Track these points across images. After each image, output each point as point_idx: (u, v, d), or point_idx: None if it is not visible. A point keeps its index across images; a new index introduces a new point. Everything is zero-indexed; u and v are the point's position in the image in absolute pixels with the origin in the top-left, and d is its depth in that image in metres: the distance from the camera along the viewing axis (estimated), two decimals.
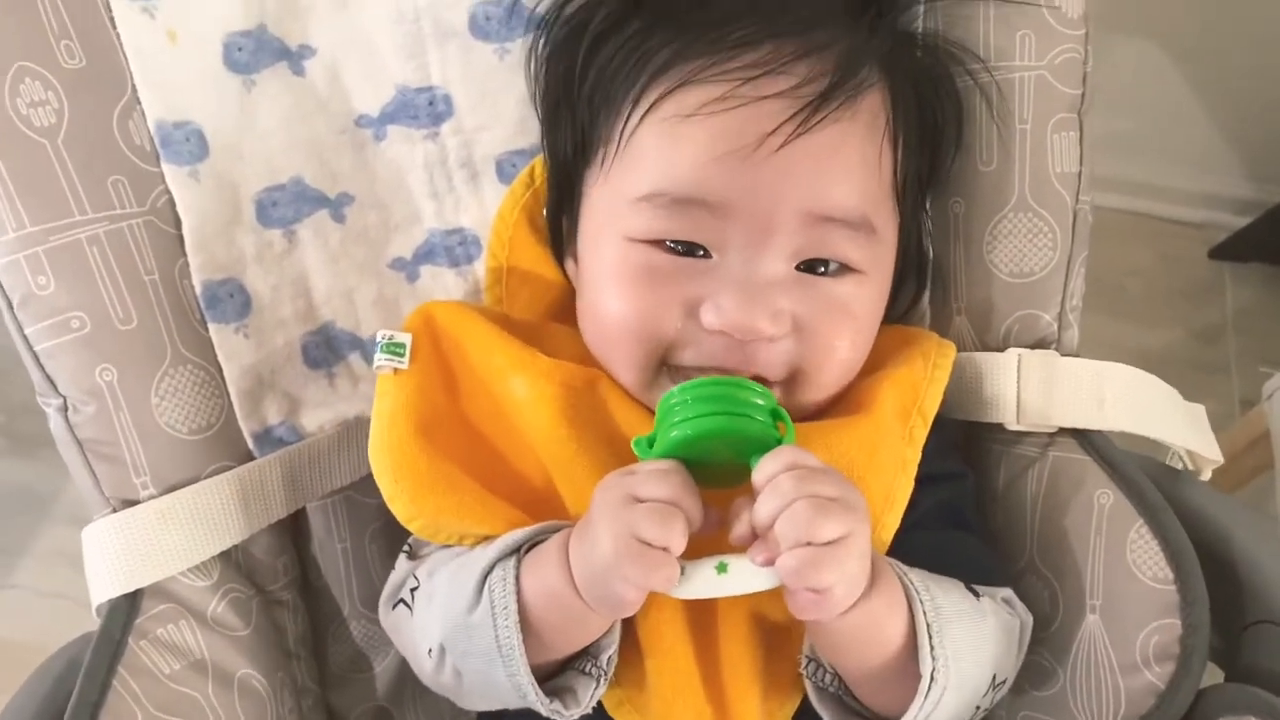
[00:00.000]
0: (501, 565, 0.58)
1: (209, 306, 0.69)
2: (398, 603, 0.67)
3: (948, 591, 0.60)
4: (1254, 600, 0.66)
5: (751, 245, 0.62)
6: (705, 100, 0.61)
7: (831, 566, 0.52)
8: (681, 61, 0.62)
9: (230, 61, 0.69)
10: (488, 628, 0.57)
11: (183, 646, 0.66)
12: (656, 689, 0.61)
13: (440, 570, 0.64)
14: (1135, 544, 0.66)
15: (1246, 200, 1.80)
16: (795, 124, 0.60)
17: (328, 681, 0.79)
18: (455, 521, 0.63)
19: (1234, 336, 1.76)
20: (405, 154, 0.74)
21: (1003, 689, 0.64)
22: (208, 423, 0.69)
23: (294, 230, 0.72)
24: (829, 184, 0.62)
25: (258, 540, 0.72)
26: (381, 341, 0.66)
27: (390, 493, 0.63)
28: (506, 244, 0.75)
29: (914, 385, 0.67)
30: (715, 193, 0.61)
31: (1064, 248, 0.71)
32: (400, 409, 0.65)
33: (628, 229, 0.64)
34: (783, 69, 0.61)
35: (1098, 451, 0.69)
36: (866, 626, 0.56)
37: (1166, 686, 0.64)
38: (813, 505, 0.52)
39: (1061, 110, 0.70)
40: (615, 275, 0.65)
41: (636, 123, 0.63)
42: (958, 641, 0.57)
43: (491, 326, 0.68)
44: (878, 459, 0.64)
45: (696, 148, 0.61)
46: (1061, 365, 0.70)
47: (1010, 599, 0.65)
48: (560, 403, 0.64)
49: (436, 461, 0.64)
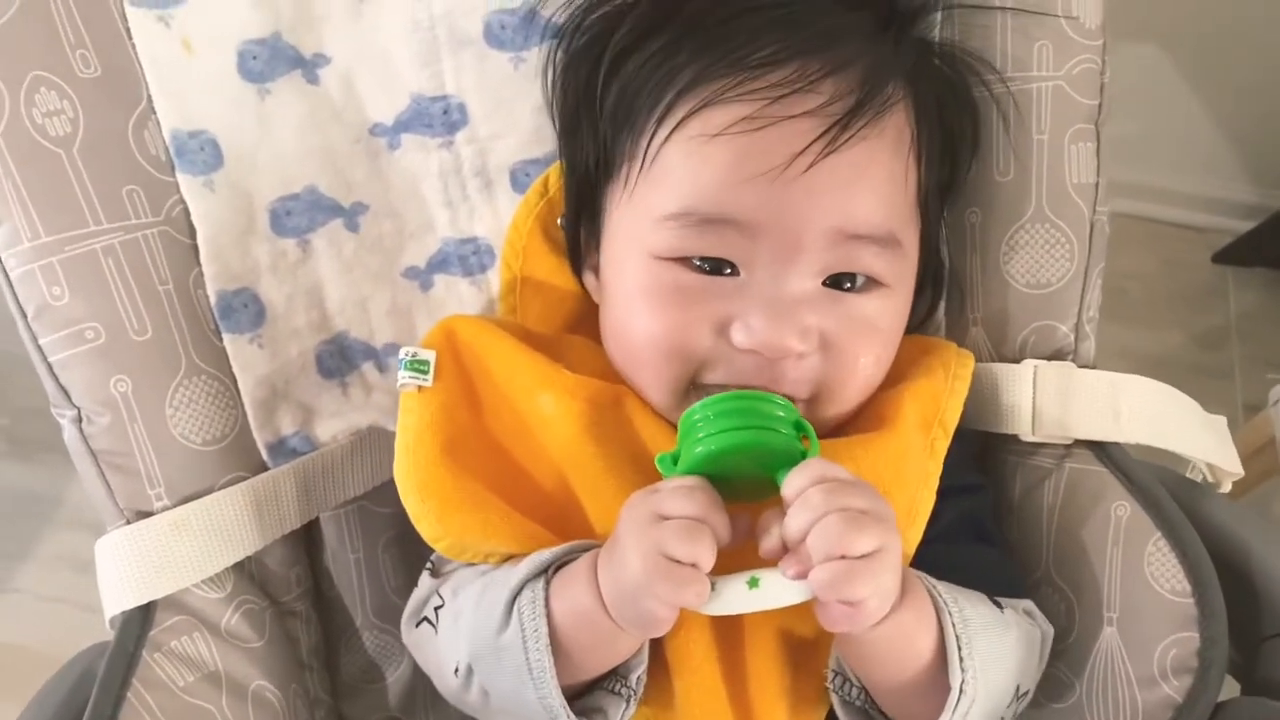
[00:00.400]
0: (531, 586, 0.58)
1: (223, 316, 0.69)
2: (421, 620, 0.66)
3: (974, 603, 0.60)
4: (1272, 613, 0.66)
5: (779, 263, 0.62)
6: (732, 120, 0.60)
7: (866, 579, 0.52)
8: (707, 80, 0.62)
9: (245, 70, 0.69)
10: (518, 649, 0.57)
11: (196, 659, 0.66)
12: (684, 708, 0.61)
13: (465, 589, 0.63)
14: (1153, 556, 0.65)
15: (1250, 205, 1.80)
16: (824, 143, 0.60)
17: (340, 692, 0.79)
18: (481, 541, 0.62)
19: (1237, 341, 1.76)
20: (420, 163, 0.74)
21: (1025, 700, 0.64)
22: (222, 433, 0.69)
23: (308, 240, 0.72)
24: (857, 203, 0.62)
25: (271, 551, 0.72)
26: (405, 359, 0.65)
27: (417, 513, 0.63)
28: (520, 253, 0.75)
29: (935, 397, 0.67)
30: (744, 212, 0.61)
31: (1081, 259, 0.71)
32: (426, 427, 0.64)
33: (654, 247, 0.63)
34: (809, 88, 0.60)
35: (1114, 463, 0.69)
36: (897, 639, 0.56)
37: (1184, 700, 0.64)
38: (846, 518, 0.52)
39: (1079, 121, 0.70)
40: (643, 294, 0.64)
41: (662, 141, 0.63)
42: (985, 653, 0.57)
43: (515, 342, 0.67)
44: (902, 473, 0.64)
45: (724, 167, 0.61)
46: (1078, 377, 0.70)
47: (1031, 610, 0.65)
48: (586, 419, 0.64)
49: (462, 480, 0.63)
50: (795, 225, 0.61)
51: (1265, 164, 1.78)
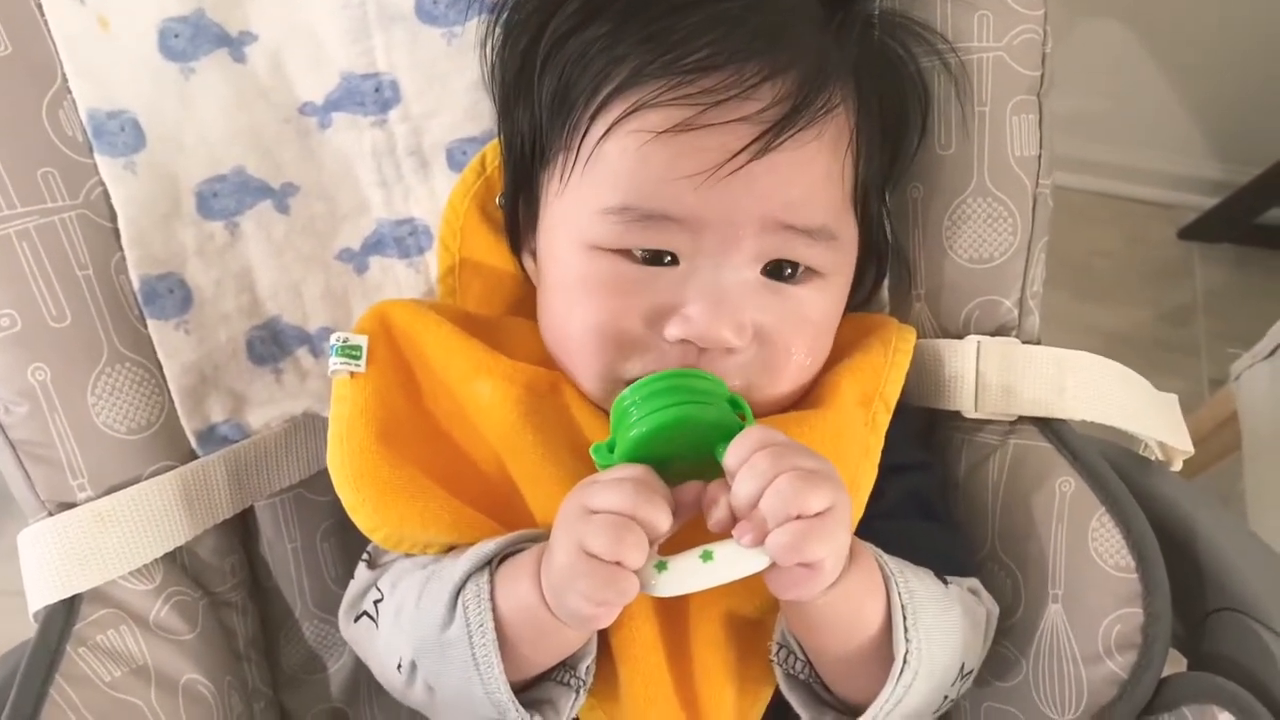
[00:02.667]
0: (475, 580, 0.57)
1: (147, 302, 0.67)
2: (361, 615, 0.65)
3: (920, 577, 0.59)
4: (1215, 588, 0.65)
5: (719, 253, 0.62)
6: (668, 123, 0.60)
7: (823, 537, 0.51)
8: (642, 80, 0.61)
9: (166, 49, 0.67)
10: (463, 644, 0.56)
11: (124, 652, 0.64)
12: (629, 695, 0.60)
13: (406, 581, 0.62)
14: (1097, 532, 0.65)
15: (1215, 181, 1.80)
16: (758, 147, 0.59)
17: (281, 684, 0.78)
18: (420, 530, 0.61)
19: (1203, 317, 1.76)
20: (352, 142, 0.72)
21: (969, 679, 0.63)
22: (147, 422, 0.67)
23: (236, 222, 0.70)
24: (792, 198, 0.62)
25: (204, 541, 0.70)
26: (336, 345, 0.64)
27: (352, 503, 0.61)
28: (458, 234, 0.73)
29: (875, 372, 0.66)
30: (682, 210, 0.60)
31: (1024, 232, 0.70)
32: (359, 414, 0.62)
33: (593, 238, 0.63)
34: (745, 94, 0.60)
35: (1059, 439, 0.68)
36: (845, 605, 0.55)
37: (1129, 676, 0.64)
38: (797, 477, 0.51)
39: (1021, 92, 0.69)
40: (580, 284, 0.63)
41: (599, 136, 0.62)
42: (929, 626, 0.57)
43: (451, 326, 0.66)
44: (840, 447, 0.63)
45: (661, 166, 0.60)
46: (1021, 352, 0.70)
47: (977, 589, 0.65)
48: (524, 406, 0.63)
49: (399, 468, 0.62)
50: (731, 217, 0.61)
51: (1230, 140, 1.78)
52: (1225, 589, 0.65)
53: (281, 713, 0.78)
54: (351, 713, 0.80)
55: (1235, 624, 0.64)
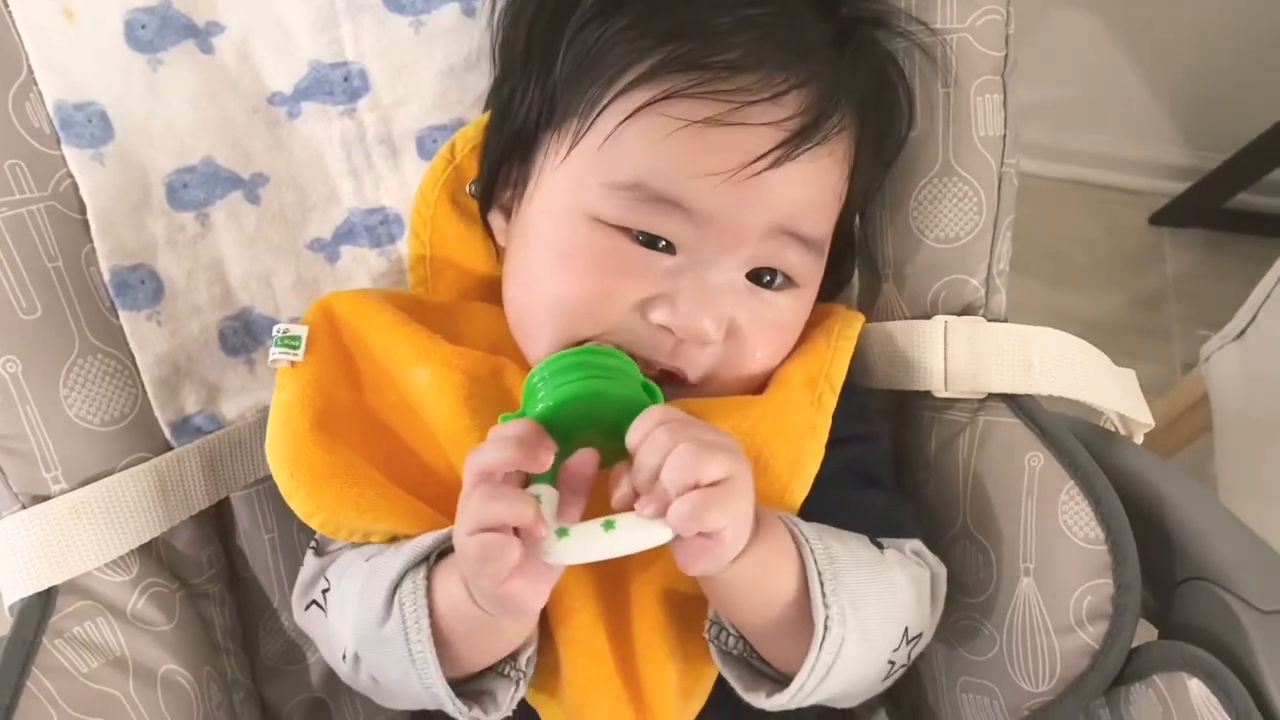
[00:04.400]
0: (411, 576, 0.57)
1: (119, 293, 0.67)
2: (310, 604, 0.65)
3: (844, 541, 0.59)
4: (1184, 558, 0.66)
5: (718, 252, 0.63)
6: (696, 115, 0.61)
7: (722, 505, 0.51)
8: (671, 70, 0.61)
9: (133, 40, 0.67)
10: (400, 642, 0.56)
11: (101, 644, 0.64)
12: (572, 680, 0.60)
13: (350, 573, 0.62)
14: (1066, 505, 0.65)
15: (1185, 167, 1.82)
16: (781, 153, 0.61)
17: (260, 674, 0.78)
18: (356, 517, 0.61)
19: (1175, 301, 1.78)
20: (321, 132, 0.72)
21: (919, 643, 0.63)
22: (121, 413, 0.67)
23: (207, 213, 0.70)
24: (801, 208, 0.64)
25: (179, 533, 0.70)
26: (277, 335, 0.64)
27: (287, 488, 0.62)
28: (429, 222, 0.73)
29: (819, 356, 0.67)
30: (696, 202, 0.62)
31: (989, 211, 0.71)
32: (296, 402, 0.63)
33: (596, 210, 0.63)
34: (774, 99, 0.61)
35: (1027, 415, 0.69)
36: (756, 576, 0.55)
37: (1100, 646, 0.64)
38: (694, 447, 0.51)
39: (985, 73, 0.70)
40: (570, 253, 0.64)
41: (622, 117, 0.62)
42: (855, 590, 0.57)
43: (395, 314, 0.66)
44: (784, 426, 0.64)
45: (683, 156, 0.61)
46: (988, 331, 0.70)
47: (920, 550, 0.65)
48: (463, 391, 0.63)
49: (336, 455, 0.62)
50: (740, 220, 0.62)
51: (1199, 126, 1.80)
52: (1194, 559, 0.66)
53: (261, 703, 0.78)
54: (332, 702, 0.80)
55: (1204, 593, 0.64)
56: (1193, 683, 0.60)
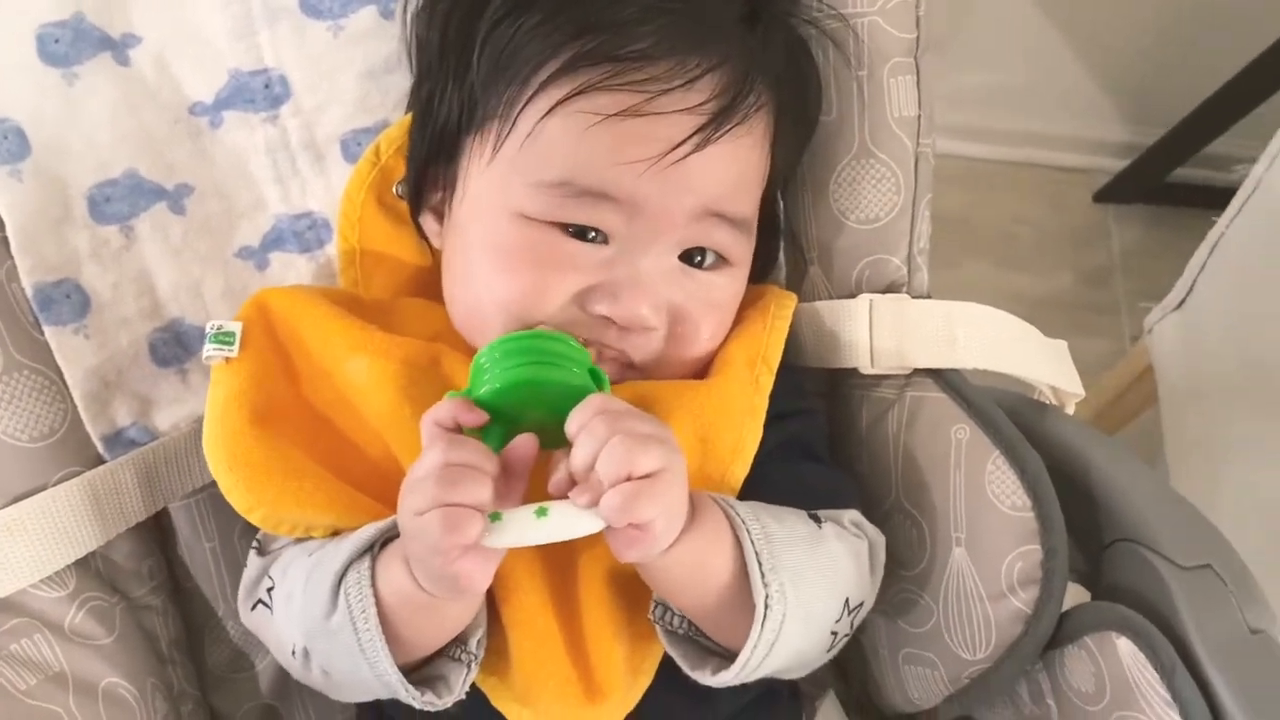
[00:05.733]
0: (355, 567, 0.57)
1: (43, 309, 0.67)
2: (256, 603, 0.65)
3: (781, 519, 0.60)
4: (1111, 521, 0.67)
5: (649, 238, 0.64)
6: (615, 108, 0.61)
7: (653, 498, 0.52)
8: (587, 63, 0.62)
9: (46, 54, 0.67)
10: (348, 632, 0.56)
11: (39, 660, 0.64)
12: (520, 661, 0.61)
13: (294, 568, 0.62)
14: (993, 475, 0.67)
15: (1125, 144, 1.84)
16: (700, 138, 0.62)
17: (208, 684, 0.78)
18: (297, 511, 0.62)
19: (1122, 277, 1.81)
20: (245, 140, 0.72)
21: (860, 612, 0.64)
22: (50, 429, 0.67)
23: (131, 225, 0.70)
24: (727, 191, 0.65)
25: (118, 546, 0.70)
26: (211, 332, 0.64)
27: (226, 484, 0.62)
28: (356, 224, 0.74)
29: (756, 338, 0.68)
30: (622, 191, 0.62)
31: (908, 191, 0.72)
32: (233, 398, 0.63)
33: (524, 208, 0.64)
34: (689, 85, 0.62)
35: (953, 389, 0.70)
36: (692, 562, 0.56)
37: (1032, 611, 0.65)
38: (628, 439, 0.52)
39: (897, 54, 0.71)
40: (504, 250, 0.65)
41: (541, 114, 0.63)
42: (794, 567, 0.58)
43: (330, 308, 0.67)
44: (728, 408, 0.65)
45: (604, 148, 0.62)
46: (912, 307, 0.71)
47: (859, 520, 0.66)
48: (401, 380, 0.64)
49: (275, 449, 0.62)
50: (668, 205, 0.63)
51: (1137, 102, 1.82)
52: (1120, 521, 0.67)
53: (211, 713, 0.77)
54: (283, 708, 0.80)
55: (1130, 554, 0.66)
56: (1121, 641, 0.61)
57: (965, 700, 0.71)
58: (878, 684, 0.78)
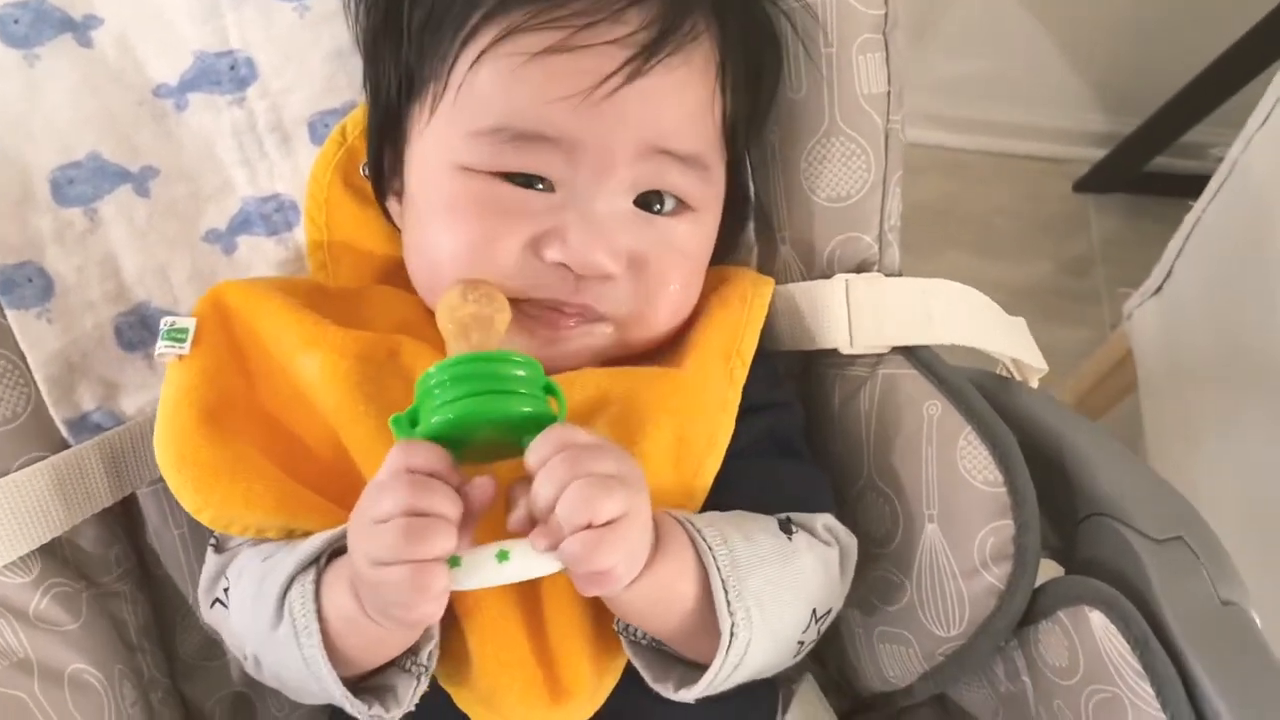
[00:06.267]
0: (300, 581, 0.56)
1: (4, 292, 0.66)
2: (214, 601, 0.64)
3: (750, 536, 0.59)
4: (1084, 496, 0.67)
5: (594, 179, 0.63)
6: (540, 46, 0.61)
7: (614, 545, 0.51)
8: (511, 6, 0.61)
9: (6, 35, 0.66)
10: (292, 645, 0.55)
11: (3, 647, 0.63)
12: (481, 663, 0.59)
13: (248, 572, 0.61)
14: (964, 450, 0.66)
15: (1103, 133, 1.85)
16: (631, 69, 0.61)
17: (179, 672, 0.77)
18: (246, 512, 0.60)
19: (1102, 266, 1.81)
20: (210, 122, 0.72)
21: (827, 619, 0.64)
22: (13, 413, 0.66)
23: (95, 208, 0.69)
24: (666, 121, 0.63)
25: (84, 532, 0.69)
26: (164, 328, 0.64)
27: (175, 484, 0.61)
28: (323, 206, 0.73)
29: (733, 328, 0.68)
30: (557, 130, 0.61)
31: (878, 168, 0.71)
32: (183, 396, 0.62)
33: (464, 160, 0.63)
34: (614, 17, 0.61)
35: (924, 365, 0.70)
36: (655, 593, 0.55)
37: (1005, 586, 0.65)
38: (588, 484, 0.50)
39: (865, 31, 0.70)
40: (450, 206, 0.64)
41: (470, 62, 0.62)
42: (759, 590, 0.57)
43: (286, 301, 0.65)
44: (702, 403, 0.64)
45: (536, 87, 0.61)
46: (888, 286, 0.71)
47: (831, 526, 0.65)
48: (356, 377, 0.62)
49: (225, 449, 0.61)
50: (608, 142, 0.62)
51: (1113, 92, 1.83)
52: (1092, 496, 0.67)
53: (182, 701, 0.77)
54: (255, 696, 0.79)
55: (1103, 528, 0.66)
56: (1094, 614, 0.61)
57: (940, 678, 0.70)
58: (854, 664, 0.77)
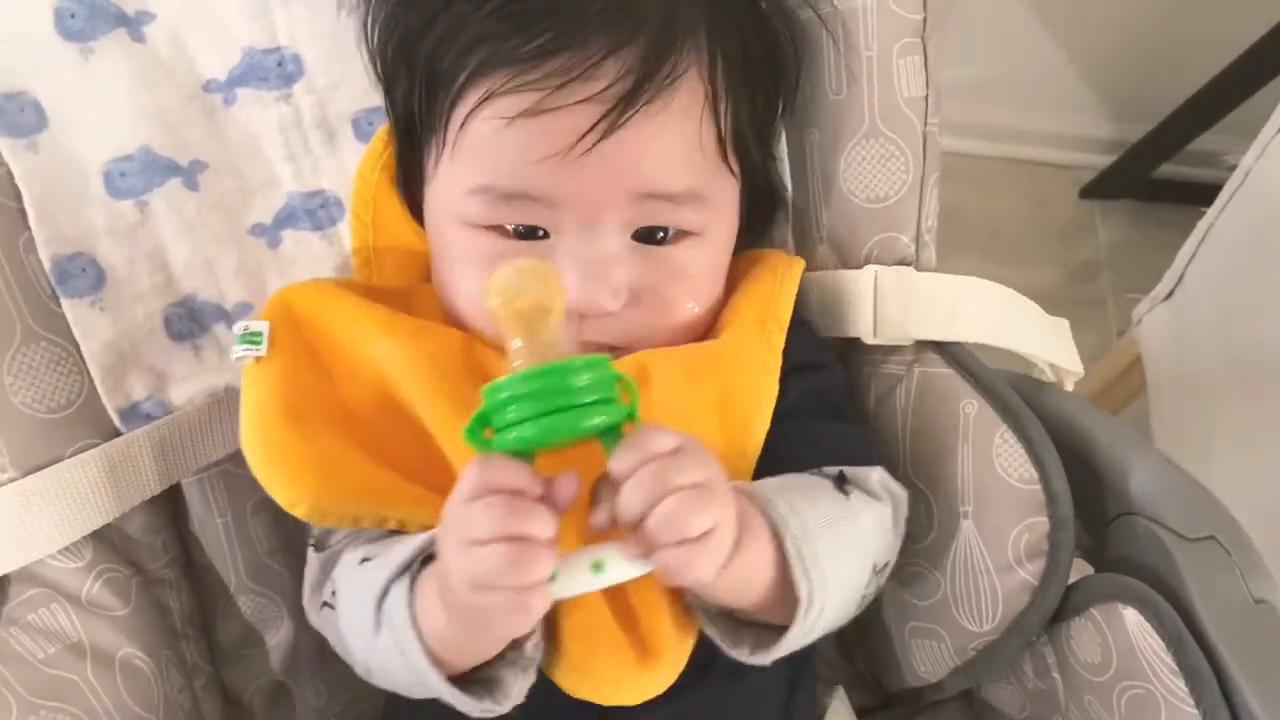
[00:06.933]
0: (395, 588, 0.56)
1: (60, 281, 0.67)
2: (323, 605, 0.65)
3: (814, 500, 0.60)
4: (1115, 495, 0.69)
5: (585, 228, 0.64)
6: (517, 110, 0.61)
7: (707, 558, 0.51)
8: (492, 67, 0.62)
9: (63, 29, 0.67)
10: (395, 654, 0.56)
11: (57, 630, 0.64)
12: (570, 632, 0.59)
13: (348, 579, 0.62)
14: (1000, 448, 0.68)
15: (1110, 140, 1.86)
16: (604, 126, 0.61)
17: (220, 659, 0.78)
18: (341, 501, 0.61)
19: (1108, 272, 1.83)
20: (258, 117, 0.73)
21: (885, 571, 0.65)
22: (67, 400, 0.67)
23: (146, 201, 0.70)
24: (649, 170, 0.64)
25: (132, 519, 0.70)
26: (238, 333, 0.64)
27: (267, 480, 0.62)
28: (369, 203, 0.74)
29: (767, 297, 0.69)
30: (539, 189, 0.63)
31: (916, 170, 0.73)
32: (267, 395, 0.63)
33: (465, 215, 0.65)
34: (588, 74, 0.61)
35: (960, 364, 0.71)
36: (736, 579, 0.55)
37: (1039, 583, 0.67)
38: (682, 501, 0.50)
39: (905, 35, 0.71)
40: (460, 259, 0.66)
41: (462, 118, 0.64)
42: (829, 554, 0.57)
43: (354, 298, 0.67)
44: (742, 369, 0.65)
45: (516, 149, 0.62)
46: (916, 279, 0.72)
47: (885, 479, 0.66)
48: (436, 360, 0.64)
49: (313, 442, 0.62)
50: (592, 195, 0.63)
51: (1122, 99, 1.85)
52: (1124, 495, 0.68)
53: (222, 688, 0.78)
54: (293, 685, 0.80)
55: (1135, 527, 0.67)
56: (1128, 611, 0.62)
57: (971, 673, 0.72)
58: (884, 659, 0.79)
